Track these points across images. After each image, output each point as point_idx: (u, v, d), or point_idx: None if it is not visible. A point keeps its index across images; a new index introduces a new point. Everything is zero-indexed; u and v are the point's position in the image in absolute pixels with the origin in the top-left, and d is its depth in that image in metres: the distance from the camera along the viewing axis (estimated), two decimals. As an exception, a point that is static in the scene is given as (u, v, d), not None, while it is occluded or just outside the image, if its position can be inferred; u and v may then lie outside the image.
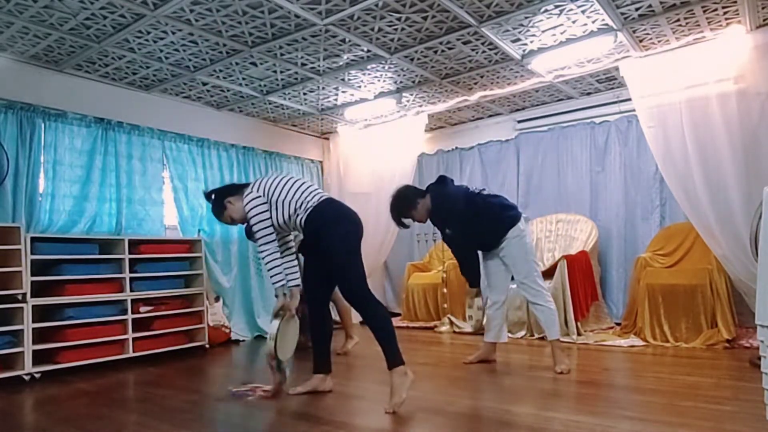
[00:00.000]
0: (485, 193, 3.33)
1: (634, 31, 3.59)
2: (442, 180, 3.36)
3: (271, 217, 2.65)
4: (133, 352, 3.82)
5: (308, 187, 2.72)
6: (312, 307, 2.87)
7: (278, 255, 2.66)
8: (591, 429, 2.06)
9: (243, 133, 5.26)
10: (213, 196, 2.84)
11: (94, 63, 3.86)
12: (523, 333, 4.40)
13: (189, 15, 3.15)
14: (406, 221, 3.36)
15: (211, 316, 4.47)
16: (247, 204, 2.64)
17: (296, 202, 2.65)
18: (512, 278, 3.39)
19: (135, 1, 2.97)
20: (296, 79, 4.30)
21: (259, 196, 2.65)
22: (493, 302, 3.44)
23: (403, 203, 3.31)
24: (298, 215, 2.65)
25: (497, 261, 3.33)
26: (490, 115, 5.63)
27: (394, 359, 2.50)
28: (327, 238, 2.60)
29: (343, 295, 2.66)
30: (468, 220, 3.20)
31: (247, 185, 2.77)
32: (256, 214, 2.62)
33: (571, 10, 3.26)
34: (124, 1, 2.96)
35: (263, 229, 2.62)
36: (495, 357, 3.47)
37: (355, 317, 5.81)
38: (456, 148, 5.91)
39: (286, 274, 2.77)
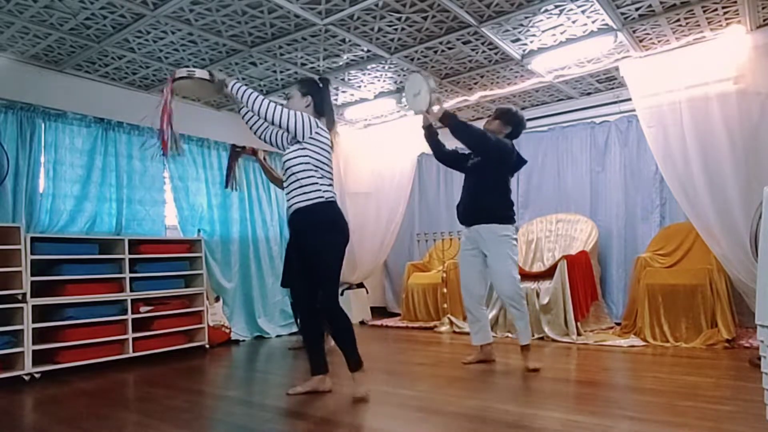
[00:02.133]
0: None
1: (634, 31, 3.59)
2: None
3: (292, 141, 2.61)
4: (133, 352, 3.82)
5: (328, 175, 2.65)
6: (302, 308, 2.82)
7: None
8: (591, 429, 2.06)
9: (243, 132, 5.24)
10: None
11: (94, 63, 3.86)
12: (523, 333, 4.39)
13: (189, 15, 3.16)
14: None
15: (211, 316, 4.47)
16: (298, 112, 2.58)
17: (314, 174, 2.58)
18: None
19: (135, 1, 2.97)
20: (296, 79, 4.30)
21: (305, 123, 2.58)
22: (468, 304, 3.40)
23: (510, 116, 3.42)
24: (300, 186, 2.57)
25: (474, 260, 3.34)
26: (490, 115, 5.62)
27: (357, 362, 2.63)
28: (320, 242, 2.59)
29: (321, 300, 2.65)
30: (489, 172, 3.28)
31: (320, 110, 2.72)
32: (290, 113, 2.56)
33: (571, 10, 3.26)
34: (124, 1, 2.96)
35: (277, 111, 2.55)
36: (494, 357, 3.47)
37: (357, 317, 5.82)
38: (456, 148, 5.90)
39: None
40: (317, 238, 2.59)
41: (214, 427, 2.41)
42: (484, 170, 3.33)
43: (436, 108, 3.13)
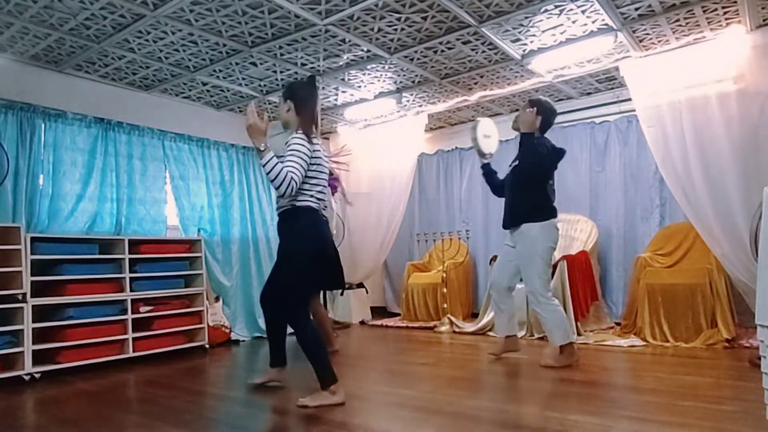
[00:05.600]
0: (554, 185, 3.39)
1: (634, 31, 3.59)
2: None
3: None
4: (133, 352, 3.82)
5: (320, 181, 2.67)
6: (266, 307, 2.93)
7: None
8: (591, 429, 2.06)
9: (243, 132, 5.22)
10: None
11: (94, 63, 3.86)
12: (522, 333, 4.39)
13: (189, 15, 3.16)
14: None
15: (211, 316, 4.47)
16: (296, 140, 2.53)
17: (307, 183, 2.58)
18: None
19: (135, 1, 2.97)
20: (296, 79, 4.30)
21: (307, 150, 2.54)
22: (495, 291, 3.47)
23: (548, 108, 3.32)
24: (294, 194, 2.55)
25: (510, 249, 3.38)
26: (490, 115, 5.62)
27: (324, 379, 2.56)
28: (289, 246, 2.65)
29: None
30: (530, 175, 3.26)
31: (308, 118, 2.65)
32: (299, 159, 2.50)
33: (571, 10, 3.26)
34: (124, 1, 2.96)
35: (294, 174, 2.46)
36: (518, 348, 3.54)
37: (357, 317, 5.82)
38: (456, 148, 5.91)
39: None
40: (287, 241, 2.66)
41: (214, 427, 2.41)
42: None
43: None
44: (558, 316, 3.18)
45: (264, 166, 2.43)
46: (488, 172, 3.63)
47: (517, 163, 3.33)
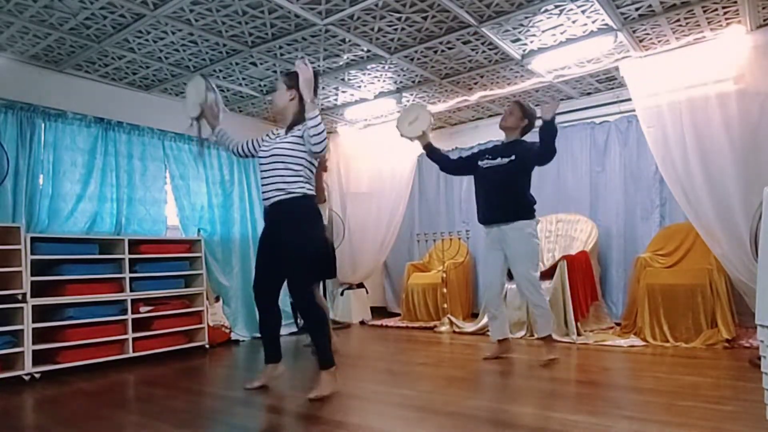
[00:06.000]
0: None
1: (634, 31, 3.59)
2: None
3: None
4: (133, 352, 3.82)
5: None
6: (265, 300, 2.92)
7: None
8: (590, 429, 2.06)
9: (243, 132, 5.24)
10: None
11: (94, 63, 3.86)
12: (522, 333, 4.39)
13: (189, 15, 3.16)
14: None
15: (211, 316, 4.47)
16: (321, 122, 2.58)
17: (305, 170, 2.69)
18: (510, 278, 3.51)
19: (135, 1, 2.97)
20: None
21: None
22: (492, 295, 3.55)
23: (530, 112, 3.46)
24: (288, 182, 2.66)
25: (497, 254, 3.42)
26: (490, 115, 5.63)
27: (327, 360, 2.68)
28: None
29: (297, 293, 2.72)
30: (526, 173, 3.35)
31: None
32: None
33: (571, 10, 3.26)
34: (124, 1, 2.96)
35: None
36: (511, 352, 3.61)
37: (357, 317, 5.82)
38: (456, 148, 5.90)
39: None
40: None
41: (214, 426, 2.41)
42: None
43: (429, 131, 3.58)
44: (549, 308, 3.44)
45: (314, 118, 2.55)
46: (431, 150, 3.62)
47: (513, 158, 3.32)
